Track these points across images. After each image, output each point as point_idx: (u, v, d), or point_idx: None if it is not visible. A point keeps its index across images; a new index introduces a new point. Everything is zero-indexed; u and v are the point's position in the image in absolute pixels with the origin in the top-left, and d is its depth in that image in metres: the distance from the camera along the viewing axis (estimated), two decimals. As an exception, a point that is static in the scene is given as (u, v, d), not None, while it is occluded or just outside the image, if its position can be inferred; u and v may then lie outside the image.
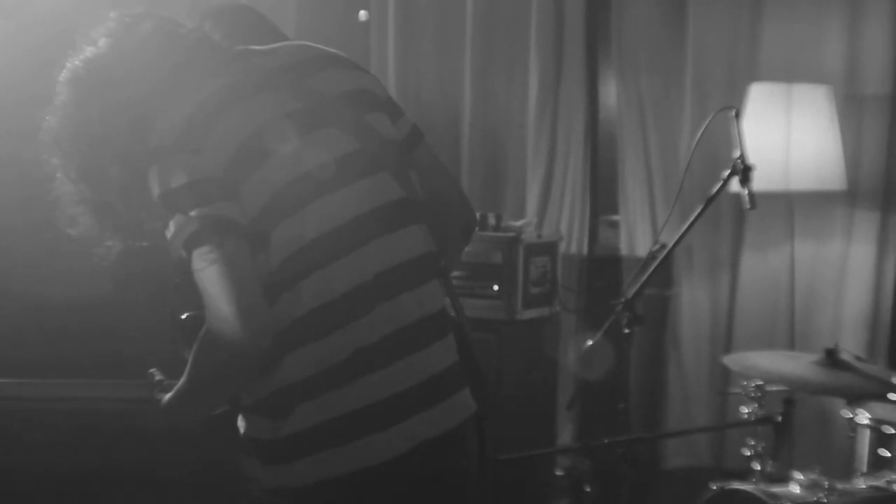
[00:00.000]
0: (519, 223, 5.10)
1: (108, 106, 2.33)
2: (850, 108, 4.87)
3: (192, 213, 2.20)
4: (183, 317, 2.37)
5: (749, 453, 3.89)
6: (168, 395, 2.42)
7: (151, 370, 2.52)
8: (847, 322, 4.91)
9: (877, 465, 3.74)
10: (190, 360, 2.29)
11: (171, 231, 2.23)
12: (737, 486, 3.74)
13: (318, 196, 2.30)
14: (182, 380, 2.36)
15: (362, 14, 6.01)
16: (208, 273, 2.18)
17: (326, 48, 2.56)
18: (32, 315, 3.68)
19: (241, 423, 2.39)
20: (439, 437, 2.35)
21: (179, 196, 2.22)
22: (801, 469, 3.72)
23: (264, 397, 2.30)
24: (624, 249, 5.43)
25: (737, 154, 3.92)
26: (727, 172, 3.93)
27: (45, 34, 3.76)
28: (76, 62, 2.40)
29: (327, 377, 2.26)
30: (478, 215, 4.95)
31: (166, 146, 2.25)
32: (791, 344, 4.87)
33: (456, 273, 3.43)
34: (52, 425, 3.19)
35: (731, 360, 4.08)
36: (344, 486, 2.27)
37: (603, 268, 5.48)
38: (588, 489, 4.29)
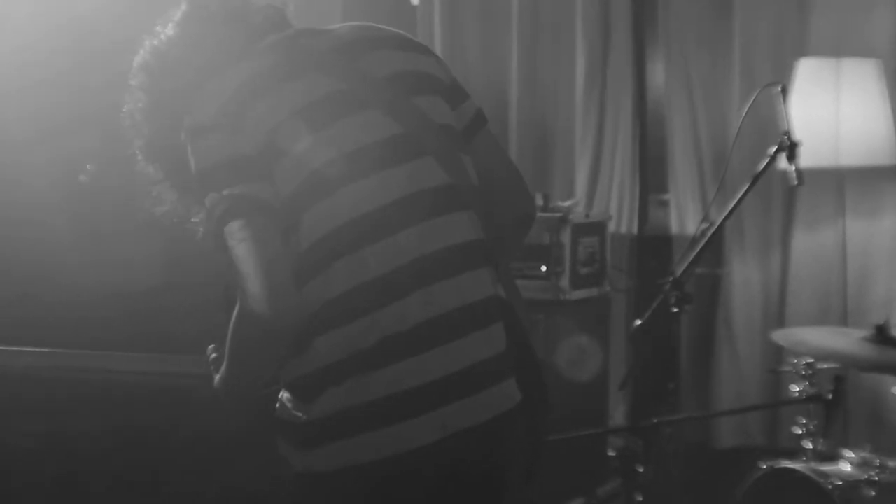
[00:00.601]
0: (567, 203, 5.08)
1: (175, 90, 2.38)
2: (900, 82, 4.82)
3: (225, 192, 2.22)
4: None
5: (800, 432, 3.87)
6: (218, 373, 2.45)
7: (210, 346, 2.53)
8: (899, 298, 4.87)
9: (929, 442, 3.71)
10: (228, 336, 2.31)
11: (205, 208, 2.27)
12: (786, 464, 3.72)
13: (353, 180, 2.28)
14: (224, 360, 2.39)
15: (415, -3, 6.02)
16: (237, 250, 2.21)
17: (390, 29, 2.53)
18: (92, 293, 3.72)
19: (277, 404, 2.39)
20: (473, 428, 2.30)
21: (214, 174, 2.25)
22: (853, 447, 3.70)
23: (296, 379, 2.30)
24: (674, 228, 5.40)
25: (783, 130, 3.89)
26: (773, 149, 3.90)
27: (84, 30, 3.80)
28: (147, 48, 2.47)
29: (356, 362, 2.24)
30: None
31: (205, 125, 2.28)
32: (843, 321, 4.83)
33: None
34: (110, 398, 3.22)
35: (781, 336, 4.05)
36: (370, 474, 2.24)
37: (653, 247, 5.45)
38: (640, 469, 4.27)
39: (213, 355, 2.52)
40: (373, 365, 2.24)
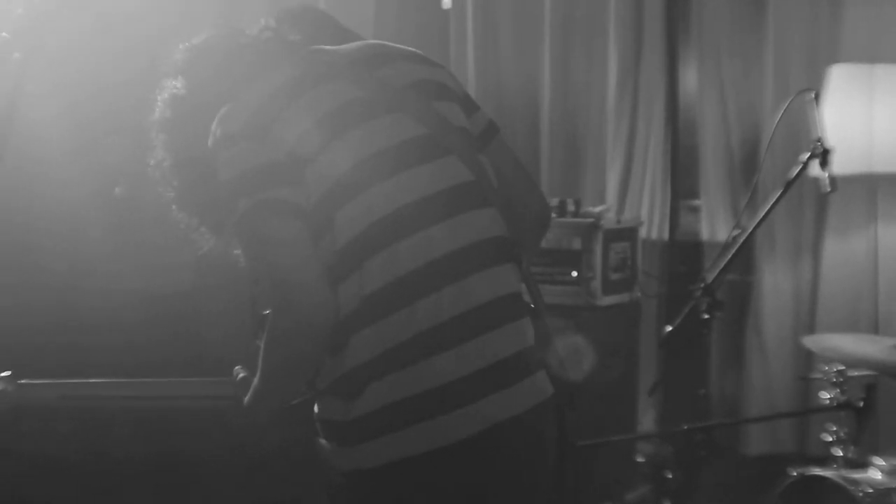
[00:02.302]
0: (598, 209, 5.08)
1: (197, 135, 2.42)
2: (934, 89, 4.79)
3: (256, 197, 2.27)
4: (266, 312, 2.39)
5: (830, 439, 3.86)
6: (249, 392, 2.48)
7: (237, 367, 2.55)
8: (932, 305, 4.85)
9: (959, 450, 3.69)
10: (261, 348, 2.35)
11: (234, 214, 2.31)
12: (816, 471, 3.71)
13: (382, 179, 2.34)
14: (257, 372, 2.42)
15: (446, 1, 6.02)
16: (270, 255, 2.27)
17: (402, 46, 2.61)
18: (112, 314, 3.75)
19: (316, 407, 2.42)
20: (511, 419, 2.35)
21: (243, 180, 2.29)
22: (883, 454, 3.69)
23: (336, 379, 2.34)
24: (705, 234, 5.39)
25: (816, 137, 3.89)
26: (806, 156, 3.90)
27: (121, 44, 3.84)
28: (160, 104, 2.52)
29: (395, 357, 2.29)
30: (557, 201, 4.98)
31: (234, 134, 2.33)
32: (875, 328, 4.82)
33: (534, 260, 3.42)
34: (137, 424, 3.23)
35: (812, 342, 4.04)
36: (414, 468, 2.28)
37: (684, 253, 5.44)
38: (669, 475, 4.27)
39: (241, 375, 2.55)
40: (412, 358, 2.29)
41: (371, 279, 2.30)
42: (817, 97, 3.92)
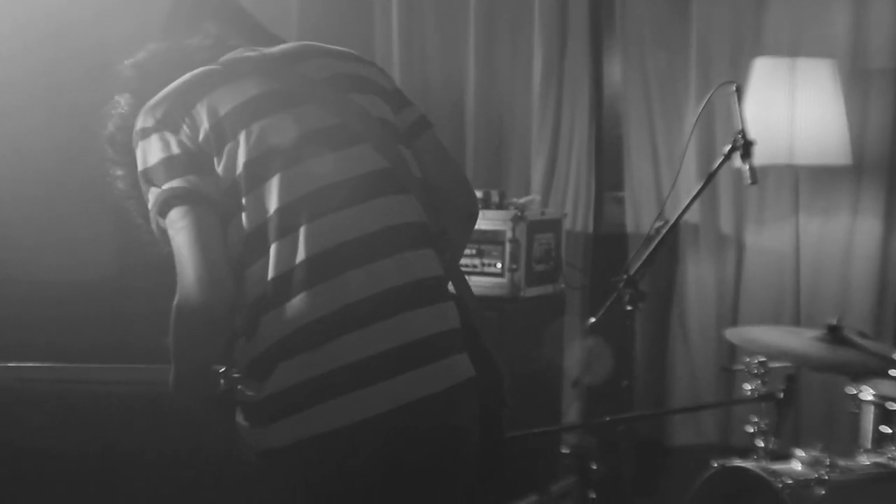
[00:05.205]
0: (522, 200, 5.08)
1: None
2: (855, 83, 4.84)
3: (165, 186, 2.37)
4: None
5: (752, 430, 3.87)
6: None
7: None
8: (852, 297, 4.89)
9: (880, 441, 3.72)
10: (170, 327, 2.40)
11: (149, 203, 2.41)
12: (738, 463, 3.73)
13: (289, 166, 2.40)
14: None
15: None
16: (177, 239, 2.35)
17: (332, 46, 2.66)
18: (43, 301, 3.72)
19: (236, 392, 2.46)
20: (424, 398, 2.38)
21: (156, 170, 2.40)
22: (804, 446, 3.71)
23: (251, 361, 2.39)
24: (629, 226, 5.42)
25: (738, 129, 3.91)
26: (728, 148, 3.92)
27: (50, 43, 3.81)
28: (112, 118, 2.63)
29: (303, 337, 2.34)
30: (482, 192, 4.97)
31: (151, 126, 2.43)
32: (797, 320, 4.85)
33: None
34: (72, 409, 3.21)
35: (734, 335, 4.06)
36: (325, 445, 2.33)
37: (608, 244, 5.46)
38: (594, 466, 4.28)
39: None
40: (321, 339, 2.34)
41: (277, 262, 2.36)
42: (738, 90, 3.95)
